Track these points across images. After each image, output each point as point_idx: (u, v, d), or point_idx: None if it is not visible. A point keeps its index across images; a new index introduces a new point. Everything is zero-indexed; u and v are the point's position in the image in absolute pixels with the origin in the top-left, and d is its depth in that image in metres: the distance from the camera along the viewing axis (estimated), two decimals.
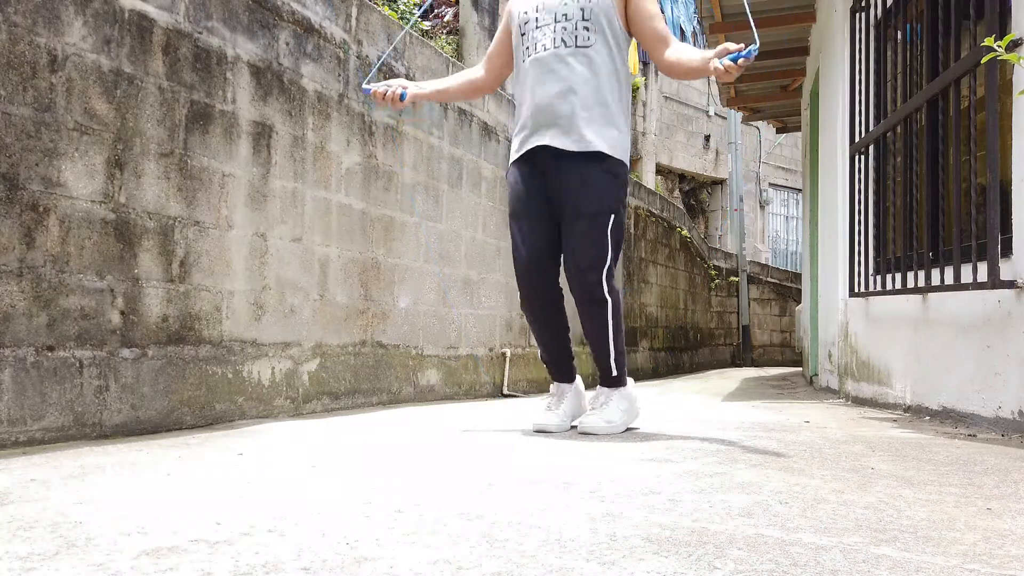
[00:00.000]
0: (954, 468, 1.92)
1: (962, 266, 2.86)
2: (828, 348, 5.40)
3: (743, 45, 2.17)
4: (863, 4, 4.19)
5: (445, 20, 8.59)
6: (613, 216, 2.55)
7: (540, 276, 2.64)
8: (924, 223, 3.39)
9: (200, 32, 2.81)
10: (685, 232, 11.04)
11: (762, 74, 7.38)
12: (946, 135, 3.17)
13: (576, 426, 2.64)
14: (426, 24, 7.92)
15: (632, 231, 8.70)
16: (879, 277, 3.80)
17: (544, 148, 2.57)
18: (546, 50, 2.56)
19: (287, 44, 3.27)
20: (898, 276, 3.53)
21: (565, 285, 2.67)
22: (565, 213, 2.57)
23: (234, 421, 2.88)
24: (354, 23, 3.73)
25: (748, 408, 3.97)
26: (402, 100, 2.70)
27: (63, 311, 2.30)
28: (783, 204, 17.47)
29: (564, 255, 2.61)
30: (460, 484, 1.63)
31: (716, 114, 15.39)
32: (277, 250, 3.19)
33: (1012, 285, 2.55)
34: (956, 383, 3.02)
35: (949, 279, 2.99)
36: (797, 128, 9.26)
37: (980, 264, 2.70)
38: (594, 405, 2.64)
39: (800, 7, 6.08)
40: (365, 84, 2.77)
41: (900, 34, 3.89)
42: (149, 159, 2.61)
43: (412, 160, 4.19)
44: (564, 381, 2.75)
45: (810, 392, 5.56)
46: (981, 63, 2.57)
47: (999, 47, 2.14)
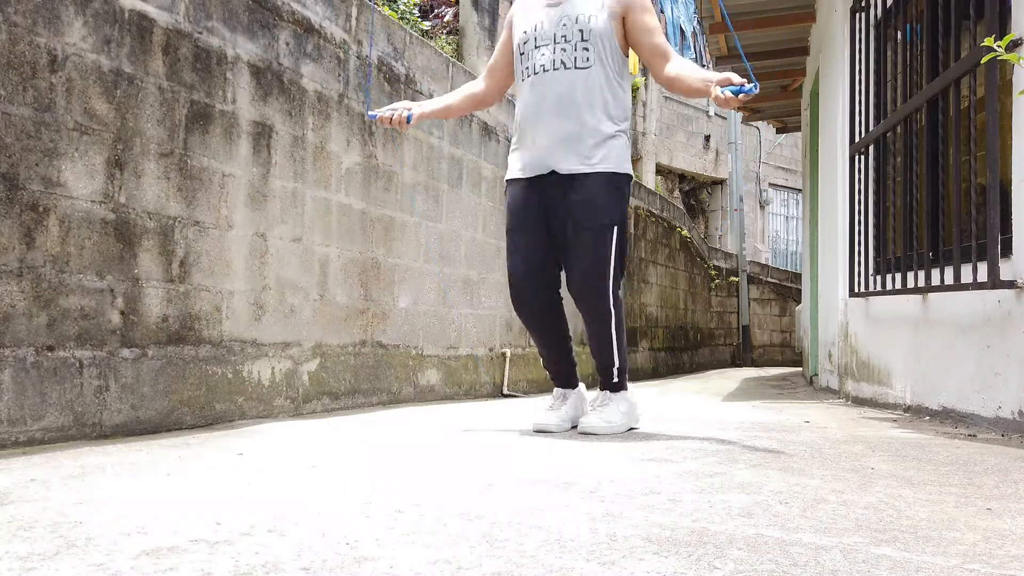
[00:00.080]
0: (954, 468, 1.92)
1: (962, 266, 2.87)
2: (828, 348, 5.40)
3: (745, 81, 2.19)
4: (863, 4, 4.19)
5: (445, 20, 8.59)
6: (617, 228, 2.54)
7: (536, 291, 2.64)
8: (924, 223, 3.39)
9: (200, 32, 2.81)
10: (685, 232, 11.04)
11: (762, 74, 7.38)
12: (946, 135, 3.17)
13: (576, 426, 2.64)
14: (426, 24, 7.92)
15: (632, 231, 8.70)
16: (879, 277, 3.80)
17: (550, 172, 2.58)
18: (545, 71, 2.56)
19: (287, 44, 3.27)
20: (898, 276, 3.53)
21: (564, 287, 2.67)
22: (568, 228, 2.55)
23: (234, 421, 2.88)
24: (354, 23, 3.73)
25: (748, 408, 3.97)
26: (408, 123, 2.76)
27: (63, 311, 2.30)
28: (783, 204, 17.47)
29: (567, 271, 2.60)
30: (460, 484, 1.63)
31: (716, 114, 15.40)
32: (277, 250, 3.19)
33: (1012, 285, 2.55)
34: (956, 383, 3.02)
35: (949, 279, 2.99)
36: (797, 128, 9.26)
37: (980, 264, 2.70)
38: (594, 406, 2.65)
39: (800, 7, 6.08)
40: (370, 112, 2.84)
41: (900, 34, 3.89)
42: (149, 159, 2.61)
43: (412, 160, 4.19)
44: (566, 387, 2.76)
45: (810, 392, 5.56)
46: (981, 63, 2.57)
47: (999, 47, 2.14)
